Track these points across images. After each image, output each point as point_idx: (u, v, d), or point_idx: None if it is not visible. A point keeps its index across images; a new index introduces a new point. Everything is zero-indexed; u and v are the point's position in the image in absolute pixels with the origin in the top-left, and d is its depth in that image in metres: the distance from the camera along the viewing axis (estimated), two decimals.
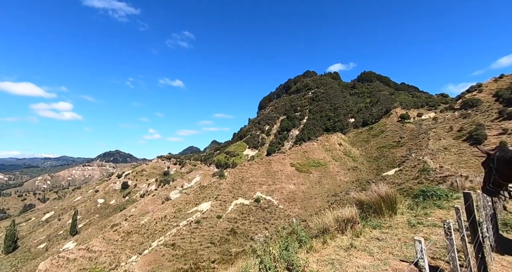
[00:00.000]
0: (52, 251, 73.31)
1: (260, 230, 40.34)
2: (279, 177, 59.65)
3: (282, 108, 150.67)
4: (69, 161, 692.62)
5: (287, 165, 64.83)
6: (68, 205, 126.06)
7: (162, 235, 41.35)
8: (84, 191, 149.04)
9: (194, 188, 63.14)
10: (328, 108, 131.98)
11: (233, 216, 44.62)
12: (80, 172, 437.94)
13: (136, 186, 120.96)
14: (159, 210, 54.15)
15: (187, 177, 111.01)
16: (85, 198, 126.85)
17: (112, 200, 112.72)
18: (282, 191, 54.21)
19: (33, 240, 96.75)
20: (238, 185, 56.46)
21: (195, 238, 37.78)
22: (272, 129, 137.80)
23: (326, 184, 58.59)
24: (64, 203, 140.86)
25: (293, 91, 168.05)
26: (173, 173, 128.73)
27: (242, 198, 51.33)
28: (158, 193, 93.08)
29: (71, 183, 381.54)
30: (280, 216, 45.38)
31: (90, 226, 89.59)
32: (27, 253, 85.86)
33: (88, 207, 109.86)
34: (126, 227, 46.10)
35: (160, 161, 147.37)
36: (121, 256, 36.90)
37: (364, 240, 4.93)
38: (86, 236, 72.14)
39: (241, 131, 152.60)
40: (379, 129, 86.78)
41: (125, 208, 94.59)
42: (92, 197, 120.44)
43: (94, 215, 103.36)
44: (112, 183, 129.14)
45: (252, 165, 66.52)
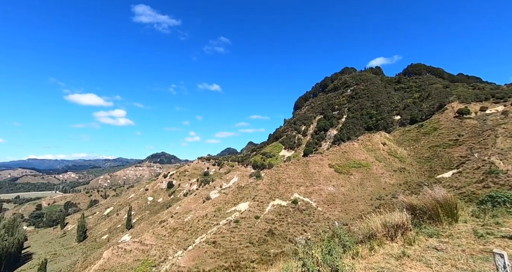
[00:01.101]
0: (113, 242, 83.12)
1: (299, 232, 39.54)
2: (317, 178, 57.74)
3: (319, 107, 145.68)
4: (124, 162, 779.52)
5: (325, 166, 62.42)
6: (124, 202, 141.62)
7: (204, 232, 43.53)
8: (136, 189, 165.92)
9: (232, 189, 65.07)
10: (370, 105, 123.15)
11: (271, 217, 44.66)
12: (133, 172, 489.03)
13: (180, 186, 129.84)
14: (200, 209, 57.19)
15: (225, 177, 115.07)
16: (137, 195, 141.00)
17: (160, 198, 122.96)
18: (320, 193, 52.35)
19: (97, 231, 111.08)
20: (275, 186, 56.36)
21: (234, 237, 38.85)
22: (309, 129, 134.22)
23: (369, 186, 54.68)
24: (120, 199, 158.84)
25: (330, 89, 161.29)
26: (212, 174, 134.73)
27: (279, 199, 51.08)
28: (199, 192, 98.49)
29: (126, 181, 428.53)
30: (319, 219, 43.86)
31: (142, 221, 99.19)
32: (93, 242, 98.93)
33: (140, 204, 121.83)
34: (172, 224, 49.81)
35: (200, 162, 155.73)
36: (169, 251, 39.96)
37: (418, 249, 4.44)
38: (139, 230, 80.00)
39: (277, 132, 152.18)
40: (431, 127, 77.65)
41: (170, 205, 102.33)
42: (143, 195, 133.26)
43: (145, 211, 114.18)
44: (159, 182, 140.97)
45: (289, 166, 65.75)
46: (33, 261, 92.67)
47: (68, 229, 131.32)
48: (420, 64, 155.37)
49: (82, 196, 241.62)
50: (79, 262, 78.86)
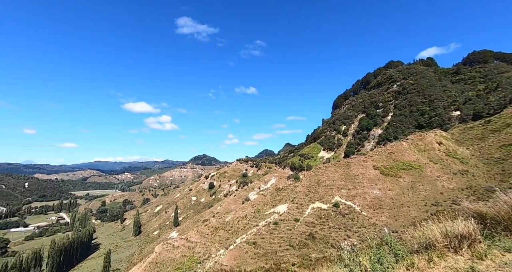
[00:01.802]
0: (163, 237, 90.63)
1: (342, 237, 37.47)
2: (360, 181, 54.05)
3: (360, 106, 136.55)
4: (171, 164, 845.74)
5: (369, 168, 58.10)
6: (171, 201, 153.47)
7: (244, 233, 44.43)
8: (181, 189, 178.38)
9: (271, 190, 65.15)
10: (421, 101, 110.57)
11: (311, 220, 43.32)
12: (178, 173, 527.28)
13: (220, 186, 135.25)
14: (240, 210, 58.60)
15: (263, 179, 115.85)
16: (183, 195, 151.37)
17: (202, 198, 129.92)
18: (364, 196, 48.85)
19: (150, 227, 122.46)
20: (314, 189, 54.61)
21: (274, 239, 38.75)
22: (349, 129, 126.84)
23: (422, 190, 48.98)
24: (168, 198, 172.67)
25: (373, 86, 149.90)
26: (251, 175, 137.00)
27: (319, 202, 49.29)
28: (238, 193, 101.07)
29: (172, 182, 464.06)
30: (364, 224, 40.91)
31: (187, 220, 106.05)
32: (147, 237, 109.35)
33: (185, 203, 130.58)
34: (214, 223, 52.09)
35: (239, 163, 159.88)
36: (212, 249, 41.85)
37: (492, 265, 3.79)
38: (185, 228, 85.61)
39: (315, 132, 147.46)
40: (503, 122, 66.05)
41: (212, 205, 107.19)
42: (187, 195, 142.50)
43: (189, 210, 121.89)
44: (201, 183, 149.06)
45: (329, 167, 63.05)
46: (100, 250, 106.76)
47: (126, 224, 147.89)
48: (486, 51, 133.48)
49: (137, 195, 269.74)
50: (135, 254, 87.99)
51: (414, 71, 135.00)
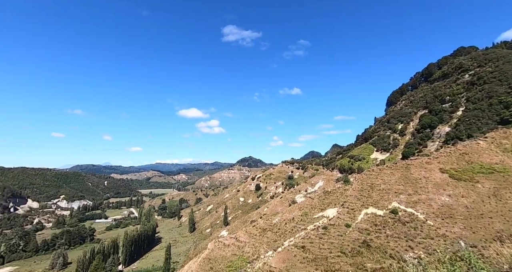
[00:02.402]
0: (214, 235, 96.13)
1: (403, 247, 33.54)
2: (424, 185, 47.59)
3: (421, 101, 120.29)
4: (219, 166, 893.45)
5: (435, 171, 50.75)
6: (221, 201, 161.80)
7: (292, 236, 43.81)
8: (230, 190, 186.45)
9: (318, 193, 62.75)
10: (505, 91, 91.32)
11: (364, 227, 40.05)
12: (226, 175, 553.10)
13: (266, 188, 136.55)
14: (287, 212, 58.07)
15: (310, 181, 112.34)
16: (231, 196, 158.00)
17: (249, 199, 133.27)
18: (430, 203, 42.79)
19: (203, 225, 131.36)
20: (367, 193, 50.42)
21: (323, 244, 37.15)
22: (408, 127, 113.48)
23: (509, 198, 40.30)
24: (218, 199, 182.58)
25: (436, 78, 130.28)
26: (297, 177, 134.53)
27: (373, 208, 45.24)
28: (285, 195, 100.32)
29: (221, 183, 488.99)
30: (430, 235, 35.81)
31: (236, 220, 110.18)
32: (200, 234, 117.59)
33: (233, 204, 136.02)
34: (261, 224, 52.85)
35: (284, 165, 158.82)
36: (260, 249, 42.50)
37: None
38: (234, 228, 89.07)
39: (366, 132, 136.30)
40: None
41: (259, 207, 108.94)
42: (235, 196, 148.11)
43: (238, 210, 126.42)
44: (248, 184, 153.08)
45: (383, 170, 57.46)
46: (162, 244, 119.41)
47: (182, 221, 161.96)
48: None
49: (190, 194, 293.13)
50: (191, 250, 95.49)
51: (494, 56, 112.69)
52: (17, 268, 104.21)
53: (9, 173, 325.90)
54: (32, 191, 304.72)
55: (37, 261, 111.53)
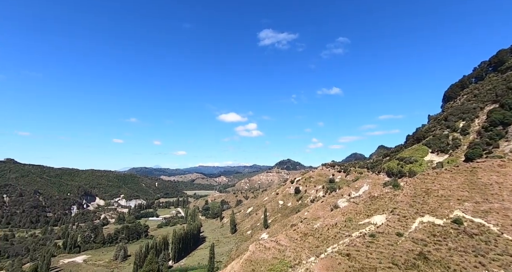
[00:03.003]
0: (255, 238, 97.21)
1: (470, 263, 29.00)
2: (496, 192, 40.57)
3: (489, 94, 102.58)
4: (258, 169, 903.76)
5: (511, 175, 42.91)
6: (260, 203, 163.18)
7: (335, 242, 41.73)
8: (269, 193, 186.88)
9: (363, 198, 58.58)
10: None
11: (420, 237, 35.88)
12: (265, 177, 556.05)
13: (306, 192, 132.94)
14: (329, 217, 55.58)
15: (354, 185, 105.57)
16: (270, 199, 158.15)
17: (289, 203, 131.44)
18: (506, 213, 36.22)
19: (243, 227, 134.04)
20: (421, 199, 45.21)
21: (371, 253, 34.45)
22: (472, 125, 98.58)
23: None
24: (257, 201, 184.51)
25: (510, 66, 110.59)
26: (338, 181, 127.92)
27: (430, 216, 40.27)
28: (326, 200, 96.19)
29: (260, 185, 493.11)
30: (508, 251, 30.22)
31: (276, 223, 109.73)
32: (241, 235, 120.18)
33: (273, 207, 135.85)
34: (302, 229, 51.63)
35: (325, 168, 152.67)
36: (302, 254, 41.50)
37: None
38: (274, 231, 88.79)
39: (418, 132, 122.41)
40: None
41: (299, 211, 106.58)
42: (274, 199, 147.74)
43: (277, 213, 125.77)
44: (287, 187, 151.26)
45: (442, 174, 50.87)
46: (206, 243, 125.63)
47: (224, 222, 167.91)
48: None
49: (231, 196, 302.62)
50: (233, 250, 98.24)
51: None
52: (90, 256, 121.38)
53: (82, 174, 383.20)
54: (99, 190, 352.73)
55: (104, 252, 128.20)
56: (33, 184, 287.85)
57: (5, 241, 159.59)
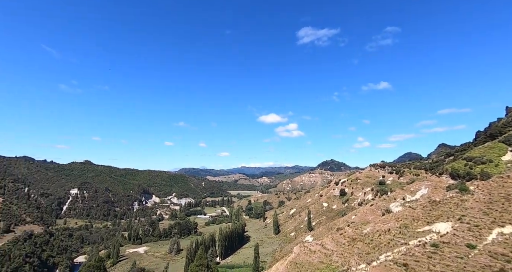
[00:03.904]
0: (299, 240, 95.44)
1: None
2: None
3: None
4: (300, 169, 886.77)
5: None
6: (303, 205, 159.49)
7: (389, 250, 38.14)
8: (312, 195, 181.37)
9: (422, 203, 52.15)
10: None
11: (500, 251, 30.20)
12: (307, 178, 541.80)
13: (353, 194, 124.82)
14: (380, 222, 51.11)
15: (409, 188, 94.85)
16: (313, 200, 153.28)
17: (334, 205, 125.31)
18: None
19: (287, 228, 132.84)
20: (500, 206, 38.10)
21: (434, 265, 30.41)
22: None
23: None
24: (300, 203, 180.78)
25: None
26: (390, 183, 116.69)
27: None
28: (376, 203, 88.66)
29: (303, 187, 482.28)
30: None
31: (320, 226, 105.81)
32: (285, 237, 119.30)
33: (316, 209, 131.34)
34: (350, 233, 48.61)
35: (373, 169, 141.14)
36: (350, 260, 39.07)
37: None
38: (319, 234, 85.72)
39: (493, 126, 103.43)
40: None
41: (345, 214, 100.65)
42: (318, 201, 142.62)
43: (322, 216, 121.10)
44: (332, 189, 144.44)
45: None
46: (250, 242, 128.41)
47: (267, 222, 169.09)
48: None
49: (273, 197, 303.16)
50: (277, 251, 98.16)
51: None
52: (149, 248, 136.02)
53: (141, 174, 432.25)
54: (155, 189, 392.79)
55: (160, 245, 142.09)
56: (104, 182, 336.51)
57: (86, 230, 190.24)
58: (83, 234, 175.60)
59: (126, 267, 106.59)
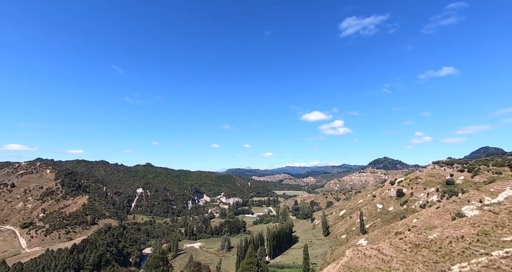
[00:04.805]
0: (351, 243, 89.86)
1: None
2: None
3: None
4: (348, 168, 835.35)
5: None
6: (354, 206, 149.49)
7: (464, 260, 32.81)
8: (364, 195, 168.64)
9: (508, 206, 43.38)
10: None
11: None
12: (358, 178, 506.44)
13: (413, 195, 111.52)
14: (450, 227, 44.39)
15: (487, 189, 79.90)
16: (366, 201, 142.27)
17: (390, 207, 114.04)
18: None
19: (337, 230, 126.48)
20: None
21: None
22: None
23: None
24: (351, 203, 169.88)
25: None
26: (461, 183, 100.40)
27: None
28: (443, 205, 77.35)
29: (353, 187, 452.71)
30: None
31: (375, 229, 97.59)
32: (335, 239, 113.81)
33: (370, 211, 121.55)
34: (412, 238, 43.55)
35: (438, 167, 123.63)
36: (414, 269, 34.96)
37: None
38: (374, 237, 79.20)
39: None
40: None
41: (404, 217, 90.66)
42: (371, 202, 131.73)
43: (376, 219, 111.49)
44: (387, 189, 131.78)
45: None
46: (299, 243, 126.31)
47: (316, 223, 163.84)
48: None
49: (320, 197, 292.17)
50: (328, 254, 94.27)
51: None
52: (203, 244, 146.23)
53: (192, 175, 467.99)
54: (205, 189, 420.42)
55: (212, 241, 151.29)
56: (162, 183, 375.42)
57: (150, 225, 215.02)
58: (148, 229, 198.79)
59: (184, 260, 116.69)
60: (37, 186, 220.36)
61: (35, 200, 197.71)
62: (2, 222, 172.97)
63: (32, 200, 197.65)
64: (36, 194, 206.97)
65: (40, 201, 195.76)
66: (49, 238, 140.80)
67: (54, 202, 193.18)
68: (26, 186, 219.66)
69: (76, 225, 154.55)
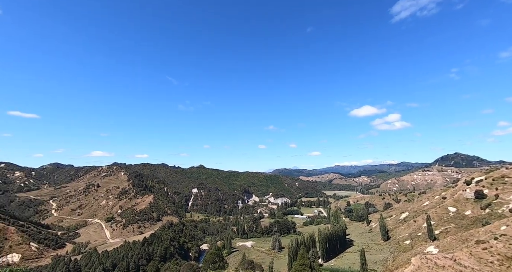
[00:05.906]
0: (417, 250, 79.90)
1: None
2: None
3: None
4: (408, 166, 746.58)
5: None
6: (418, 209, 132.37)
7: None
8: (430, 197, 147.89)
9: None
10: None
11: None
12: (421, 177, 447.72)
13: (498, 197, 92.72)
14: None
15: None
16: (433, 204, 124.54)
17: (467, 211, 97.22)
18: None
19: (398, 235, 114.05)
20: None
21: None
22: None
23: None
24: (414, 206, 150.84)
25: None
26: None
27: None
28: None
29: (415, 187, 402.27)
30: None
31: (448, 235, 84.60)
32: (397, 245, 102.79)
33: (439, 214, 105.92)
34: (500, 249, 36.34)
35: None
36: None
37: None
38: (447, 245, 68.82)
39: None
40: None
41: (488, 223, 76.13)
42: (441, 204, 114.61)
43: (448, 224, 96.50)
44: (461, 190, 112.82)
45: None
46: (354, 247, 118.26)
47: (372, 226, 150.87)
48: None
49: (377, 198, 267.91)
50: (389, 261, 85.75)
51: None
52: (254, 243, 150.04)
53: (241, 175, 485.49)
54: (254, 189, 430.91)
55: (263, 241, 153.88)
56: (214, 183, 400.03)
57: (205, 223, 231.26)
58: (204, 226, 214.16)
59: (237, 258, 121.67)
60: (115, 186, 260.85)
61: (114, 198, 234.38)
62: (92, 216, 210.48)
63: (112, 198, 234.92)
64: (114, 193, 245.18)
65: (118, 199, 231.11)
66: (126, 231, 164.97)
67: (128, 200, 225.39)
68: (107, 186, 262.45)
69: (145, 220, 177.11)
